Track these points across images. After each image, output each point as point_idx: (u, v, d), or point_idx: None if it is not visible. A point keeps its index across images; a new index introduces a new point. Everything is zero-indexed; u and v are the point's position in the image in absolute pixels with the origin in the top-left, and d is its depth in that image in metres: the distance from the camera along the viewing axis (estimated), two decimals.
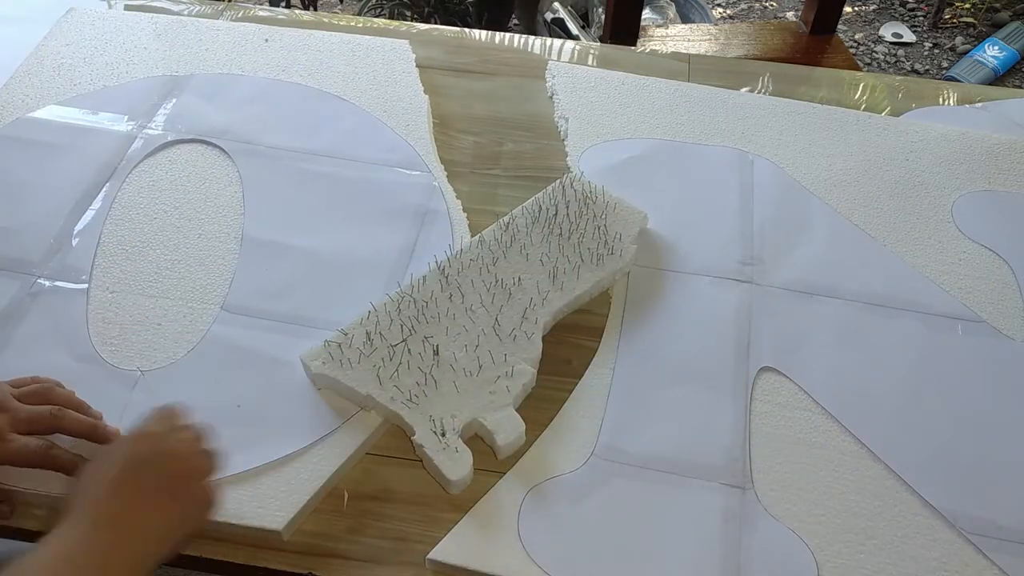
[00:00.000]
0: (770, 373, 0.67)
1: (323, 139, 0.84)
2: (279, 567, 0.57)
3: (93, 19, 0.95)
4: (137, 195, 0.78)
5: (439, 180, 0.80)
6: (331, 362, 0.62)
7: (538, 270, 0.69)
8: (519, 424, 0.61)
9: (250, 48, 0.93)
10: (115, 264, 0.72)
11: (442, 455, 0.59)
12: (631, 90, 0.90)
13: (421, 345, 0.64)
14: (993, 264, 0.76)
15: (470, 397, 0.61)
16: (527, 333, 0.65)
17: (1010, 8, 2.34)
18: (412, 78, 0.91)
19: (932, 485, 0.61)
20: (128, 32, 0.94)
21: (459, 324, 0.65)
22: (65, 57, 0.90)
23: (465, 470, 0.58)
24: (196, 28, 0.95)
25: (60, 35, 0.93)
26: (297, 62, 0.92)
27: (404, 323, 0.65)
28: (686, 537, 0.58)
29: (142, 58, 0.91)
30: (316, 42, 0.94)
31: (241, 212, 0.77)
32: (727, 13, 2.45)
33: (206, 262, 0.73)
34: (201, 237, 0.75)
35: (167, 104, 0.86)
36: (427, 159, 0.82)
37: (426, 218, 0.77)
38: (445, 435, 0.59)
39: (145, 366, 0.65)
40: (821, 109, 0.89)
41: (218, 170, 0.80)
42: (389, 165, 0.81)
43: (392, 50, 0.94)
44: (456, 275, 0.68)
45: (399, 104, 0.88)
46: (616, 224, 0.73)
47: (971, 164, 0.84)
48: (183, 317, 0.69)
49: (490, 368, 0.63)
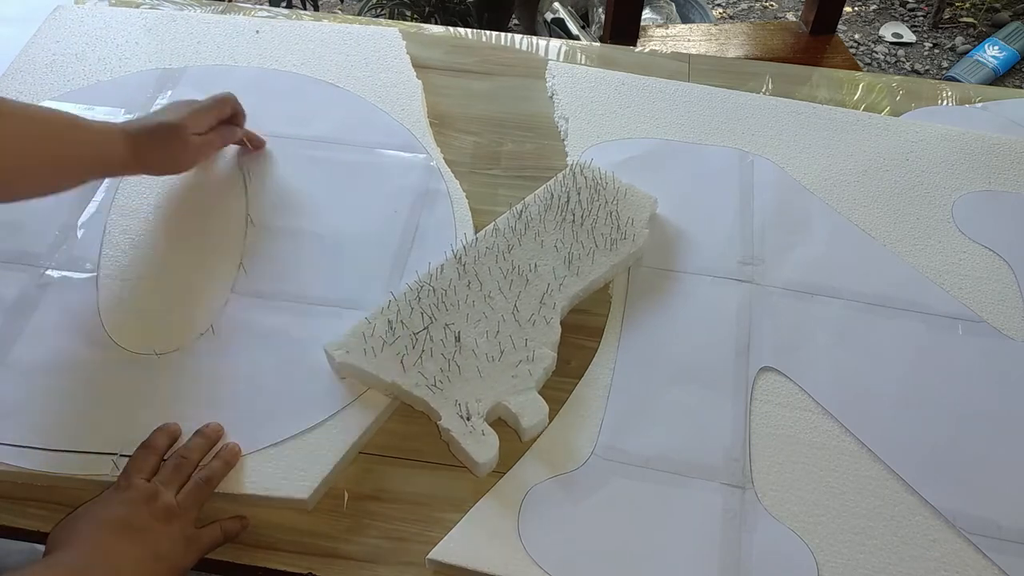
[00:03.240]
0: (770, 373, 0.67)
1: (320, 126, 0.84)
2: (279, 567, 0.57)
3: (82, 16, 0.95)
4: (139, 185, 0.78)
5: (437, 161, 0.81)
6: (355, 351, 0.63)
7: (553, 256, 0.70)
8: (543, 406, 0.62)
9: (242, 40, 0.93)
10: (122, 253, 0.73)
11: (469, 439, 0.60)
12: (631, 90, 0.90)
13: (442, 332, 0.64)
14: (993, 264, 0.76)
15: (493, 381, 0.62)
16: (546, 318, 0.66)
17: (1010, 8, 2.34)
18: (404, 64, 0.91)
19: (932, 485, 0.61)
20: (118, 27, 0.94)
21: (478, 311, 0.66)
22: (56, 54, 0.90)
23: (492, 452, 0.59)
24: (187, 21, 0.95)
25: (50, 32, 0.93)
26: (289, 52, 0.92)
27: (424, 311, 0.66)
28: (686, 537, 0.58)
29: (134, 52, 0.91)
30: (307, 32, 0.95)
31: (244, 198, 0.78)
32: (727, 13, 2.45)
33: (213, 248, 0.74)
34: (206, 223, 0.75)
35: (163, 96, 0.86)
36: (424, 141, 0.83)
37: (427, 197, 0.78)
38: (471, 419, 0.60)
39: (160, 349, 0.66)
40: (821, 109, 0.89)
41: (218, 159, 0.81)
42: (387, 148, 0.83)
43: (383, 38, 0.94)
44: (473, 263, 0.69)
45: (393, 90, 0.88)
46: (628, 209, 0.74)
47: (971, 164, 0.84)
48: (194, 301, 0.70)
49: (511, 353, 0.64)
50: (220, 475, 0.59)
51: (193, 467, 0.58)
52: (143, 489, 0.55)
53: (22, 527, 0.58)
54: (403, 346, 0.64)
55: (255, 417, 0.62)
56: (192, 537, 0.55)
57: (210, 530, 0.56)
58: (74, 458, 0.59)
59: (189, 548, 0.54)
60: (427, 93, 0.89)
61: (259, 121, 0.83)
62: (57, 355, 0.65)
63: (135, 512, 0.53)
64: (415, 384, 0.62)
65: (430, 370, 0.62)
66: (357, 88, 0.88)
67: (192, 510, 0.56)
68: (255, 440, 0.61)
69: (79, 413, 0.62)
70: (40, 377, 0.64)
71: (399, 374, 0.62)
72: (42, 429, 0.61)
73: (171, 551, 0.53)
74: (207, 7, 1.01)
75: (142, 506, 0.54)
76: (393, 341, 0.64)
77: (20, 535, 0.59)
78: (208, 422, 0.61)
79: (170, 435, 0.60)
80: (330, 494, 0.60)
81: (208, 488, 0.58)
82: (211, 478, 0.58)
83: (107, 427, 0.61)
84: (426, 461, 0.62)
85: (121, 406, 0.63)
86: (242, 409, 0.63)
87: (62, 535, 0.52)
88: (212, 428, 0.61)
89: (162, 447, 0.59)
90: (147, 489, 0.55)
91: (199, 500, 0.57)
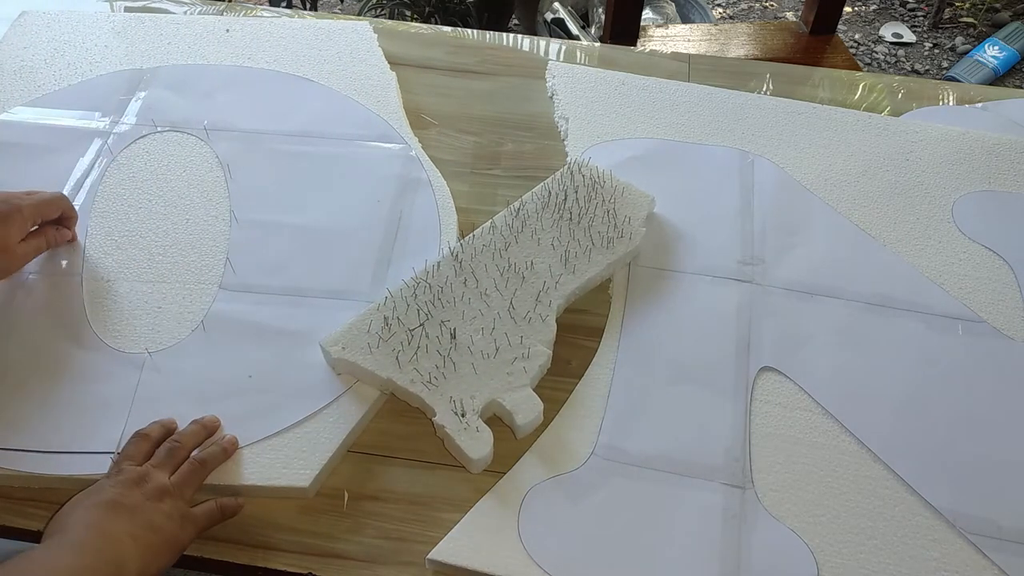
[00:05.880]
0: (770, 373, 0.67)
1: (298, 120, 0.85)
2: (279, 567, 0.57)
3: (48, 21, 0.95)
4: (119, 187, 0.78)
5: (416, 150, 0.82)
6: (351, 347, 0.63)
7: (550, 254, 0.70)
8: (537, 404, 0.62)
9: (212, 40, 0.93)
10: (106, 254, 0.73)
11: (463, 435, 0.60)
12: (631, 90, 0.90)
13: (438, 329, 0.65)
14: (993, 264, 0.76)
15: (488, 378, 0.63)
16: (542, 316, 0.66)
17: (1010, 8, 2.34)
18: (377, 57, 0.92)
19: (932, 485, 0.61)
20: (86, 31, 0.93)
21: (474, 308, 0.66)
22: (24, 60, 0.90)
23: (486, 449, 0.60)
24: (155, 23, 0.95)
25: (16, 38, 0.92)
26: (261, 49, 0.92)
27: (420, 308, 0.66)
28: (686, 537, 0.58)
29: (104, 56, 0.91)
30: (277, 29, 0.95)
31: (226, 195, 0.78)
32: (727, 13, 2.45)
33: (197, 245, 0.74)
34: (189, 222, 0.75)
35: (136, 97, 0.86)
36: (401, 131, 0.84)
37: (408, 186, 0.79)
38: (465, 415, 0.60)
39: (151, 348, 0.66)
40: (821, 109, 0.89)
41: (197, 157, 0.81)
42: (366, 140, 0.83)
43: (354, 32, 0.94)
44: (469, 260, 0.69)
45: (367, 82, 0.89)
46: (625, 207, 0.74)
47: (971, 164, 0.84)
48: (182, 299, 0.70)
49: (507, 350, 0.64)
50: (217, 460, 0.59)
51: (187, 452, 0.59)
52: (133, 472, 0.55)
53: (22, 527, 0.58)
54: (399, 342, 0.64)
55: (250, 410, 0.63)
56: (187, 515, 0.55)
57: (206, 507, 0.57)
58: (72, 459, 0.59)
59: (185, 524, 0.54)
60: (427, 94, 0.89)
61: (235, 118, 0.84)
62: (47, 359, 0.65)
63: (126, 492, 0.53)
64: (410, 380, 0.62)
65: (425, 366, 0.63)
66: (332, 82, 0.89)
67: (186, 489, 0.56)
68: (252, 433, 0.61)
69: (74, 415, 0.62)
70: (31, 381, 0.64)
71: (395, 370, 0.62)
72: (38, 433, 0.61)
73: (165, 524, 0.53)
74: (208, 7, 1.01)
75: (133, 487, 0.54)
76: (389, 337, 0.64)
77: (20, 535, 0.59)
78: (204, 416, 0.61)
79: (165, 427, 0.61)
80: (330, 494, 0.60)
81: (203, 470, 0.58)
82: (206, 460, 0.58)
83: (102, 427, 0.61)
84: (426, 461, 0.62)
85: (115, 406, 0.63)
86: (236, 403, 0.63)
87: (57, 523, 0.52)
88: (209, 418, 0.61)
89: (156, 436, 0.59)
90: (137, 472, 0.55)
91: (193, 481, 0.57)
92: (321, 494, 0.60)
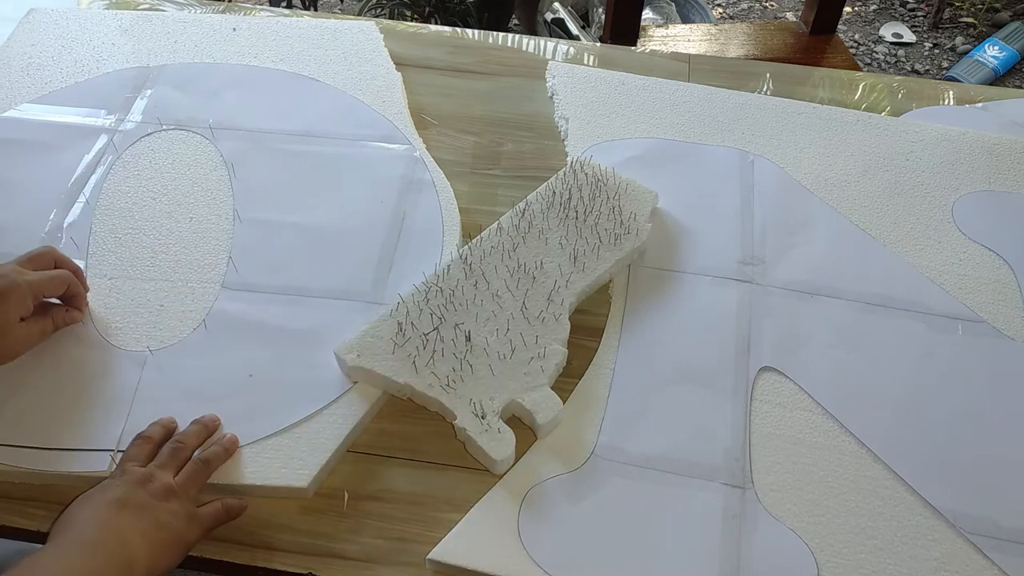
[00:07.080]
0: (770, 373, 0.67)
1: (302, 119, 0.85)
2: (279, 567, 0.57)
3: (56, 18, 0.95)
4: (124, 185, 0.78)
5: (420, 151, 0.82)
6: (366, 354, 0.63)
7: (558, 253, 0.71)
8: (557, 402, 0.62)
9: (218, 38, 0.93)
10: (110, 252, 0.73)
11: (485, 436, 0.60)
12: (631, 90, 0.90)
13: (453, 332, 0.65)
14: (993, 264, 0.76)
15: (506, 379, 0.63)
16: (555, 315, 0.67)
17: (1010, 8, 2.34)
18: (383, 57, 0.92)
19: (932, 485, 0.61)
20: (94, 29, 0.94)
21: (487, 310, 0.67)
22: (32, 57, 0.90)
23: (509, 449, 0.60)
24: (163, 22, 0.95)
25: (24, 36, 0.93)
26: (267, 48, 0.92)
27: (433, 312, 0.66)
28: (686, 537, 0.58)
29: (111, 54, 0.91)
30: (283, 28, 0.95)
31: (229, 194, 0.78)
32: (727, 13, 2.45)
33: (200, 244, 0.74)
34: (192, 220, 0.76)
35: (143, 95, 0.86)
36: (406, 132, 0.84)
37: (411, 187, 0.79)
38: (485, 417, 0.60)
39: (153, 346, 0.66)
40: (821, 109, 0.89)
41: (202, 156, 0.81)
42: (370, 140, 0.83)
43: (360, 31, 0.95)
44: (479, 263, 0.69)
45: (373, 82, 0.89)
46: (629, 204, 0.75)
47: (971, 164, 0.84)
48: (184, 297, 0.70)
49: (522, 350, 0.64)
50: (219, 459, 0.59)
51: (190, 452, 0.59)
52: (138, 473, 0.55)
53: (23, 527, 0.58)
54: (414, 347, 0.64)
55: (250, 409, 0.63)
56: (194, 514, 0.55)
57: (212, 507, 0.57)
58: (72, 456, 0.60)
59: (191, 524, 0.55)
60: (427, 94, 0.89)
61: (240, 117, 0.84)
62: (49, 356, 0.65)
63: (132, 492, 0.54)
64: (428, 385, 0.62)
65: (443, 370, 0.63)
66: (337, 82, 0.89)
67: (191, 489, 0.56)
68: (252, 432, 0.61)
69: (75, 412, 0.62)
70: (33, 377, 0.64)
71: (412, 375, 0.62)
72: (39, 429, 0.61)
73: (172, 522, 0.53)
74: (207, 7, 1.01)
75: (139, 487, 0.54)
76: (404, 343, 0.64)
77: (20, 535, 0.59)
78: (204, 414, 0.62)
79: (165, 427, 0.61)
80: (330, 494, 0.60)
81: (207, 469, 0.58)
82: (210, 460, 0.58)
83: (104, 425, 0.61)
84: (426, 461, 0.62)
85: (117, 403, 0.63)
86: (237, 402, 0.63)
87: (64, 521, 0.52)
88: (209, 417, 0.61)
89: (158, 437, 0.60)
90: (142, 472, 0.55)
91: (197, 481, 0.57)
92: (321, 494, 0.60)
